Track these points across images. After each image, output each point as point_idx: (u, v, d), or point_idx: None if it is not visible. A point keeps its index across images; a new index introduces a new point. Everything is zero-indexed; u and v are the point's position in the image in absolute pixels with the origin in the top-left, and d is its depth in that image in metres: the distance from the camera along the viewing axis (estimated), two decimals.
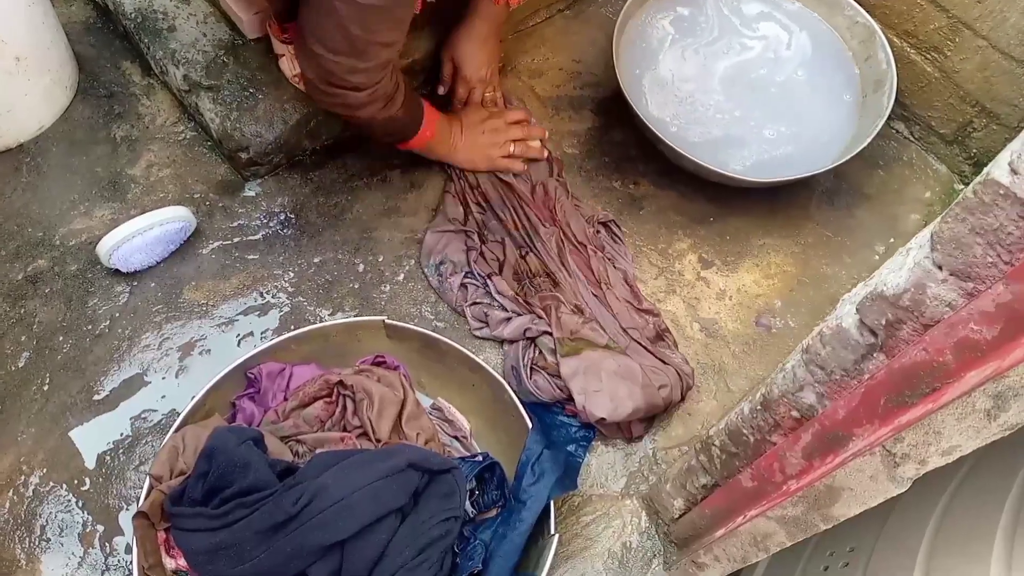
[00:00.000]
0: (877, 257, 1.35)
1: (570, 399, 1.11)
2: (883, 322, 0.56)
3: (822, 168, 1.27)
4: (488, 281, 1.20)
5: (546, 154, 1.33)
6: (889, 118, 1.31)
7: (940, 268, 0.50)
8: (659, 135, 1.26)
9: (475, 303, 1.19)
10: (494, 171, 1.30)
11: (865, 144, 1.27)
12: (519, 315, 1.17)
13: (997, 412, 0.48)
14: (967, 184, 1.42)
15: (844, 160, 1.27)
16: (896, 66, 1.33)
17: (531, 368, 1.13)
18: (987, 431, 0.50)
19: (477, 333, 1.19)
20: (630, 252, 1.29)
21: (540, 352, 1.14)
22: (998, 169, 0.43)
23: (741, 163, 1.34)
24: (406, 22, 0.98)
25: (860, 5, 1.39)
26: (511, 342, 1.17)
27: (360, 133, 1.30)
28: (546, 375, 1.13)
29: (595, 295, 1.20)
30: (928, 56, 1.37)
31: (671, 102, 1.37)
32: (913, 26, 1.36)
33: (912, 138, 1.48)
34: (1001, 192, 0.43)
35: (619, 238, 1.29)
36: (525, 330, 1.15)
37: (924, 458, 0.55)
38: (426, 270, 1.23)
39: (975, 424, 0.50)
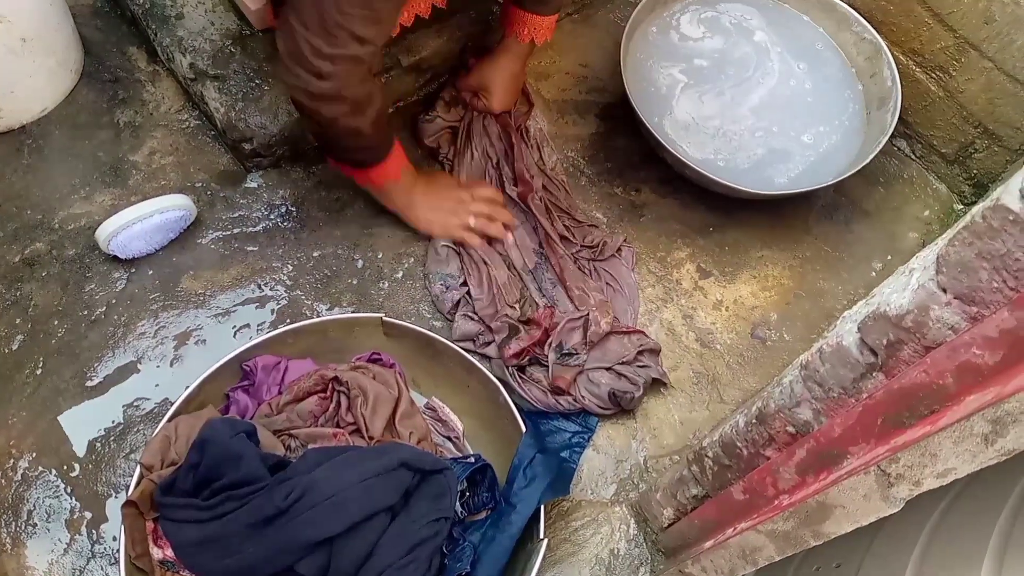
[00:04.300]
0: (874, 274, 1.35)
1: (565, 412, 1.14)
2: (884, 342, 0.56)
3: (823, 183, 1.28)
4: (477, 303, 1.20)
5: (511, 238, 1.25)
6: (891, 135, 1.31)
7: (944, 291, 0.50)
8: (662, 142, 1.26)
9: (465, 316, 1.19)
10: (449, 239, 1.24)
11: (868, 161, 1.27)
12: (504, 338, 1.17)
13: (995, 437, 0.48)
14: (966, 204, 1.43)
15: (845, 176, 1.27)
16: (901, 84, 1.34)
17: (528, 380, 1.14)
18: (984, 456, 0.50)
19: (461, 345, 1.19)
20: (632, 260, 1.28)
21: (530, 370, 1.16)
22: (1008, 195, 0.43)
23: (786, 175, 1.34)
24: (384, 20, 0.94)
25: (868, 22, 1.39)
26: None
27: (319, 140, 1.19)
28: (542, 387, 1.13)
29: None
30: (933, 75, 1.37)
31: (707, 141, 1.37)
32: (920, 44, 1.37)
33: (913, 156, 1.48)
34: (1010, 218, 0.43)
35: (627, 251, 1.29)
36: (506, 354, 1.15)
37: (919, 479, 0.55)
38: (430, 276, 1.23)
39: (972, 448, 0.50)
